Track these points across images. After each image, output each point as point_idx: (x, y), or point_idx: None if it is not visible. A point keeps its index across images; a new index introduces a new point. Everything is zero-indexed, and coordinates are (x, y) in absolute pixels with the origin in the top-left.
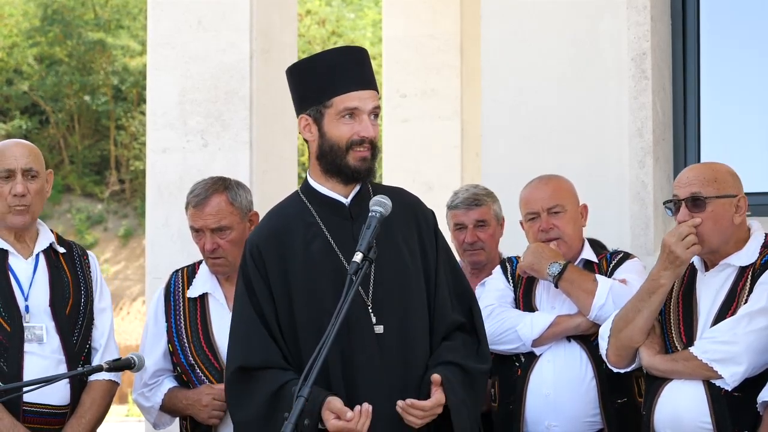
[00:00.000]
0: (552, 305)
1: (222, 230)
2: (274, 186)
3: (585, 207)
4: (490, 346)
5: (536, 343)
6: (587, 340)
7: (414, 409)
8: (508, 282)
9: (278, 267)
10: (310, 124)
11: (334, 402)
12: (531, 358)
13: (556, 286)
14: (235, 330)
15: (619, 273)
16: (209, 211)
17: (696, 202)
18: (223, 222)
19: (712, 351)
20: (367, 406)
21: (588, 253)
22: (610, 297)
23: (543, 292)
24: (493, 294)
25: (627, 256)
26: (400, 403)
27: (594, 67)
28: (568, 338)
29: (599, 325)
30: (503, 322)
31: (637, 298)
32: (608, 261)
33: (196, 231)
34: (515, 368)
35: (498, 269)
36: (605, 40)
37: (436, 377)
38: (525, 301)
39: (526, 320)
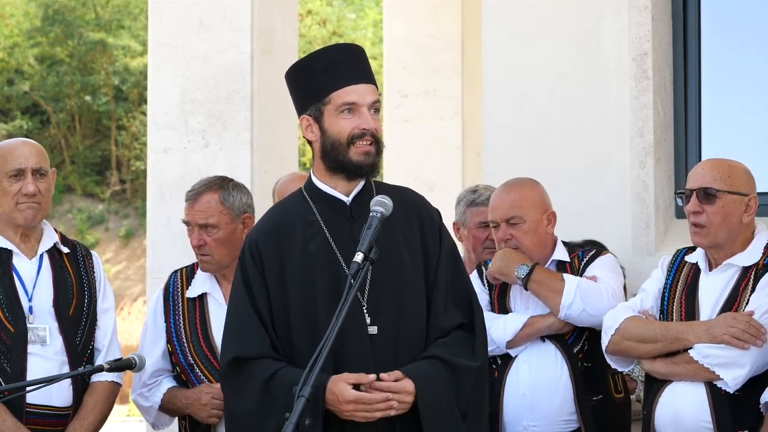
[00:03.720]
0: (526, 306)
1: (208, 227)
2: None
3: (553, 214)
4: None
5: (510, 344)
6: (562, 339)
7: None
8: (484, 285)
9: (276, 263)
10: (311, 124)
11: (344, 375)
12: (507, 359)
13: (525, 288)
14: (230, 322)
15: (591, 270)
16: (198, 207)
17: (707, 195)
18: (210, 219)
19: (713, 356)
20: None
21: (560, 254)
22: (578, 295)
23: (517, 294)
24: None
25: (599, 252)
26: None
27: (595, 67)
28: (543, 338)
29: (572, 325)
30: None
31: (662, 333)
32: (580, 259)
33: (187, 225)
34: (492, 371)
35: (474, 273)
36: (606, 40)
37: (394, 373)
38: (500, 303)
39: (498, 323)
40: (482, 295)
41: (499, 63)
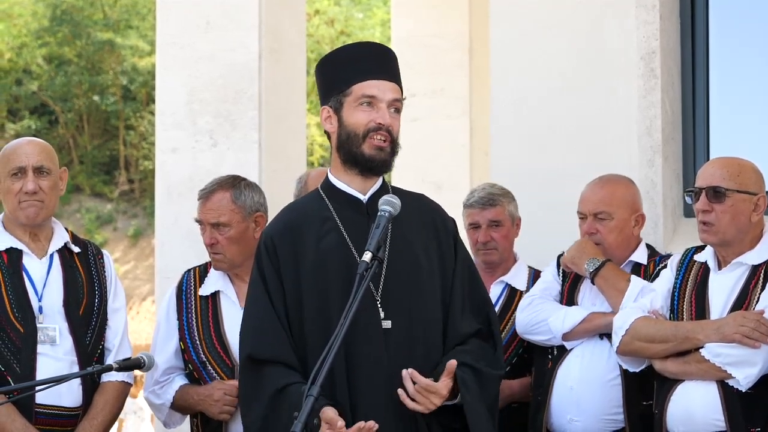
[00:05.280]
0: (593, 302)
1: (220, 226)
2: (283, 186)
3: (642, 216)
4: (524, 335)
5: (567, 337)
6: None
7: (410, 381)
8: (558, 275)
9: (291, 260)
10: (330, 115)
11: (327, 412)
12: (562, 351)
13: (593, 282)
14: (248, 317)
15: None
16: (210, 206)
17: (716, 194)
18: (221, 218)
19: (725, 355)
20: (372, 425)
21: (639, 256)
22: (640, 298)
23: (586, 289)
24: (539, 285)
25: None
26: (404, 373)
27: (603, 66)
28: (602, 336)
29: None
30: (538, 314)
31: (672, 333)
32: (656, 264)
33: (200, 224)
34: (547, 361)
35: (553, 262)
36: (614, 39)
37: (452, 363)
38: (569, 295)
39: (559, 314)
40: (553, 285)
41: (507, 62)
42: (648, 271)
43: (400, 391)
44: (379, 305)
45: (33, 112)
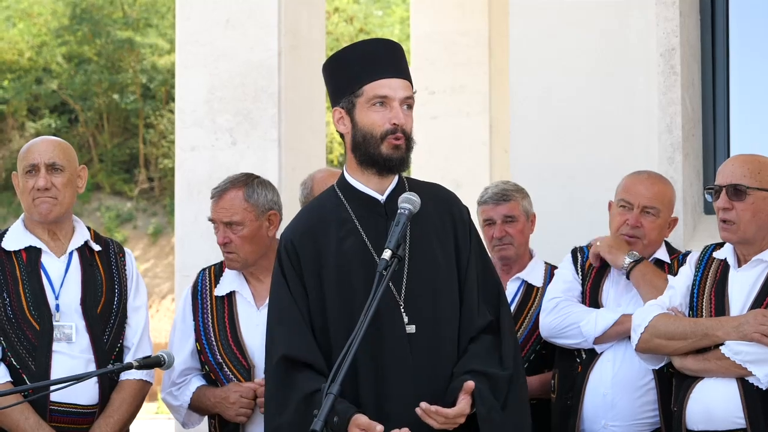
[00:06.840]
0: (618, 302)
1: (233, 225)
2: None
3: (675, 220)
4: (551, 339)
5: (598, 340)
6: None
7: (436, 415)
8: (577, 274)
9: (312, 263)
10: (343, 117)
11: (362, 418)
12: (592, 355)
13: (627, 277)
14: (276, 320)
15: None
16: (223, 205)
17: (737, 192)
18: (234, 217)
19: (745, 352)
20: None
21: (661, 254)
22: None
23: (610, 288)
24: (560, 286)
25: None
26: (422, 405)
27: (623, 63)
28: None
29: None
30: (567, 317)
31: (691, 329)
32: (680, 262)
33: (213, 223)
34: (576, 364)
35: (568, 259)
36: (634, 36)
37: (469, 385)
38: (592, 295)
39: (590, 317)
40: (574, 285)
41: (527, 59)
42: (672, 269)
43: (419, 411)
44: (402, 310)
45: (53, 110)
